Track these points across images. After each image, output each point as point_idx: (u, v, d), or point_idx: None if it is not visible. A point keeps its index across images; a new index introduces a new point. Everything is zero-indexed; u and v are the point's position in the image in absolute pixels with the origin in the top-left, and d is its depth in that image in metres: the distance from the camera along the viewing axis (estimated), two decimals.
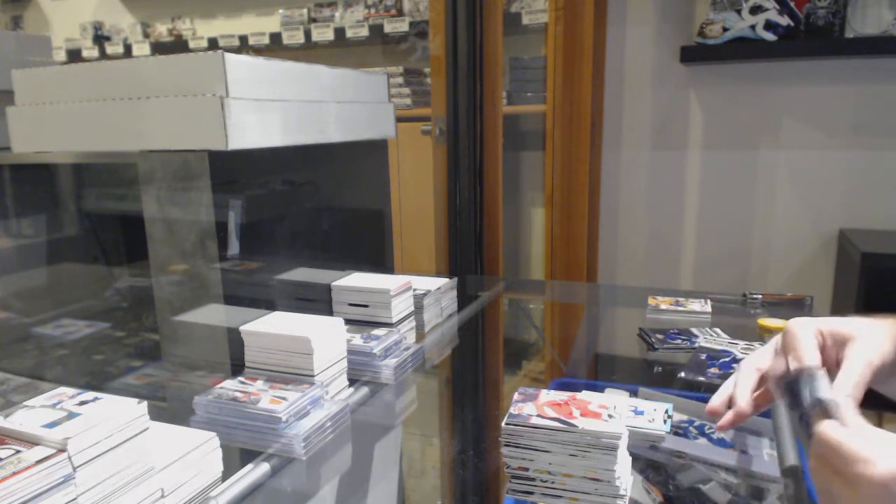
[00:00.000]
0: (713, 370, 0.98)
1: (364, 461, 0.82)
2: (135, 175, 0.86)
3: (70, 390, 0.60)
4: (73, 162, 0.99)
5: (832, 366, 0.60)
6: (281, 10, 3.14)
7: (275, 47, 3.07)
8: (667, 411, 0.80)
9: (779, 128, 2.17)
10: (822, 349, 0.60)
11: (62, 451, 0.51)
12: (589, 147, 2.03)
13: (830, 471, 0.44)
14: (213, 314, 0.86)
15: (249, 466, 0.71)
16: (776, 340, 0.63)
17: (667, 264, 2.40)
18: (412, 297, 1.14)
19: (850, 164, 2.10)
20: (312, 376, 0.83)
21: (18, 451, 0.51)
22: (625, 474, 0.63)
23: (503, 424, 0.63)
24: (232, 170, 0.87)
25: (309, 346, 0.82)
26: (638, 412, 0.80)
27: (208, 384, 0.83)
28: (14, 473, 0.49)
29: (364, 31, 2.87)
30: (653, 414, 0.80)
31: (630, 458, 0.66)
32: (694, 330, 1.17)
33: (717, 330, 1.17)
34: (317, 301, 1.09)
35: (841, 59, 2.05)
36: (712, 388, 0.93)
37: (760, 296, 1.35)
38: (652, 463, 0.76)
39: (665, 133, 2.33)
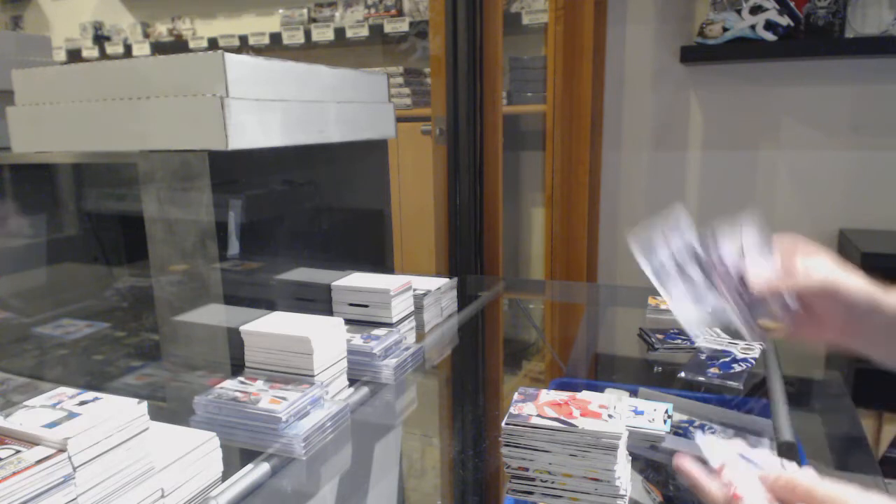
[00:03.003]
0: (713, 370, 0.98)
1: (364, 461, 0.82)
2: (135, 175, 0.86)
3: (70, 390, 0.60)
4: (73, 162, 0.99)
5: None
6: (281, 10, 3.14)
7: (275, 47, 3.07)
8: (667, 411, 0.80)
9: (779, 128, 2.17)
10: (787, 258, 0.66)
11: (62, 451, 0.51)
12: (589, 147, 2.03)
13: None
14: (213, 314, 0.86)
15: (249, 466, 0.71)
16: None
17: None
18: (412, 297, 1.14)
19: (850, 164, 2.10)
20: (312, 376, 0.83)
21: (18, 451, 0.51)
22: (625, 474, 0.63)
23: (503, 424, 0.63)
24: (232, 170, 0.87)
25: (309, 346, 0.82)
26: (638, 412, 0.80)
27: (208, 384, 0.83)
28: (14, 473, 0.49)
29: (364, 31, 2.87)
30: (653, 414, 0.80)
31: (630, 458, 0.66)
32: None
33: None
34: (317, 301, 1.09)
35: (841, 59, 2.05)
36: (712, 388, 0.94)
37: None
38: (652, 463, 0.76)
39: (665, 133, 2.32)
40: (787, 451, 0.72)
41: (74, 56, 3.55)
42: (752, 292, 0.63)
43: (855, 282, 0.64)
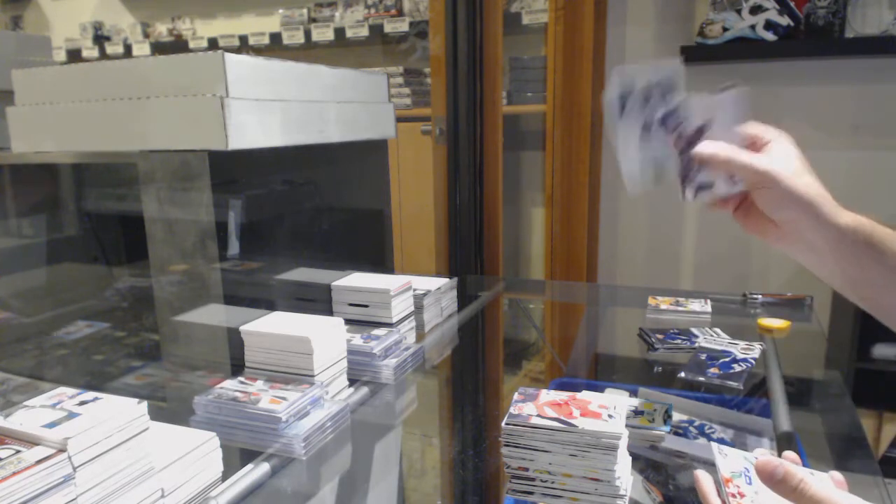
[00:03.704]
0: (713, 370, 0.98)
1: (364, 461, 0.82)
2: (135, 175, 0.86)
3: (70, 390, 0.60)
4: (73, 162, 0.99)
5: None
6: (281, 10, 3.14)
7: (275, 47, 3.07)
8: (667, 411, 0.80)
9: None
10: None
11: (62, 451, 0.51)
12: (589, 147, 2.03)
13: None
14: (213, 314, 0.86)
15: (249, 466, 0.71)
16: None
17: (667, 264, 2.40)
18: (412, 297, 1.14)
19: (850, 164, 2.10)
20: (312, 376, 0.83)
21: (18, 451, 0.51)
22: (625, 474, 0.63)
23: (503, 424, 0.63)
24: (232, 170, 0.87)
25: (309, 346, 0.82)
26: (638, 412, 0.80)
27: (208, 384, 0.83)
28: (14, 473, 0.49)
29: (364, 31, 2.87)
30: (653, 414, 0.80)
31: (630, 458, 0.66)
32: (694, 330, 1.17)
33: (717, 330, 1.17)
34: (317, 301, 1.09)
35: (841, 59, 2.05)
36: (712, 388, 0.94)
37: (760, 296, 1.35)
38: (652, 463, 0.76)
39: None
40: (785, 440, 0.73)
41: (74, 56, 3.55)
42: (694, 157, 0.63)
43: (804, 183, 0.62)
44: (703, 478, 0.57)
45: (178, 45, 3.35)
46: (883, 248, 0.60)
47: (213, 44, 3.21)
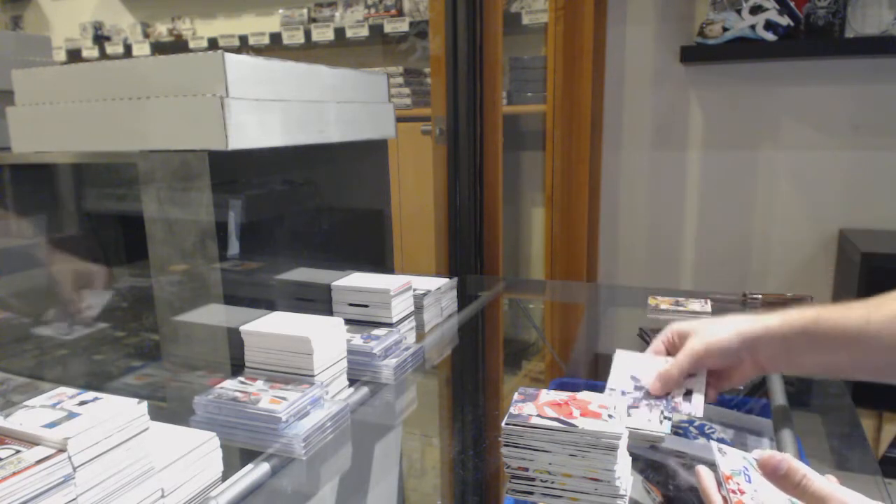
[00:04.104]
0: None
1: (364, 461, 0.82)
2: (135, 175, 0.86)
3: (70, 390, 0.60)
4: (73, 162, 0.99)
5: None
6: (281, 10, 3.14)
7: (275, 47, 3.07)
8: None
9: (779, 128, 2.17)
10: (671, 345, 0.81)
11: (62, 451, 0.51)
12: (589, 147, 2.03)
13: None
14: (213, 314, 0.86)
15: (249, 466, 0.71)
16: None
17: (667, 264, 2.40)
18: (412, 297, 1.14)
19: (850, 164, 2.10)
20: (312, 376, 0.83)
21: (18, 451, 0.51)
22: (625, 474, 0.63)
23: (503, 424, 0.63)
24: (232, 170, 0.87)
25: (309, 346, 0.82)
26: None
27: (208, 384, 0.83)
28: (14, 473, 0.49)
29: (364, 31, 2.87)
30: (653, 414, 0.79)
31: (630, 458, 0.66)
32: None
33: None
34: (317, 301, 1.09)
35: (841, 59, 2.05)
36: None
37: (760, 296, 1.35)
38: (652, 463, 0.76)
39: (665, 133, 2.32)
40: (781, 413, 0.75)
41: (74, 56, 3.55)
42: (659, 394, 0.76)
43: (719, 336, 0.73)
44: (705, 473, 0.57)
45: (178, 46, 3.35)
46: (815, 330, 0.69)
47: (213, 44, 3.21)
